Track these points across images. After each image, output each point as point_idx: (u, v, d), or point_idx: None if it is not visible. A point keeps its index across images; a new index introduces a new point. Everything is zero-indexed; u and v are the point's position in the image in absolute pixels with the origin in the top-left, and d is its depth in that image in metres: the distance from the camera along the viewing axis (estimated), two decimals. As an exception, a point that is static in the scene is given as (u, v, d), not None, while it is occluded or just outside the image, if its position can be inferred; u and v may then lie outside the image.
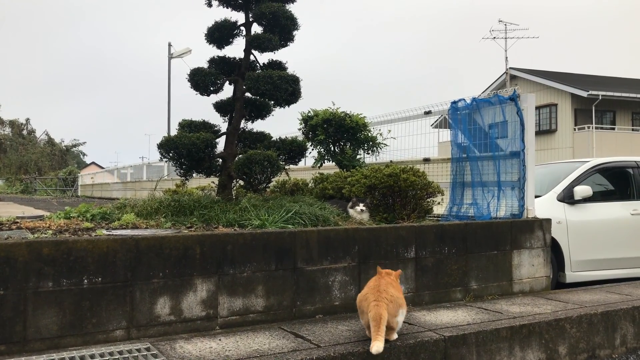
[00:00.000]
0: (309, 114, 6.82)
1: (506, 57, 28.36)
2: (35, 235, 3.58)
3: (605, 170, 6.28)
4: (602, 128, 24.92)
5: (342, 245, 3.85)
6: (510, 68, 28.07)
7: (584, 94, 24.23)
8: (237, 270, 3.46)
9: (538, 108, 26.65)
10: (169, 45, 21.14)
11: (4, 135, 52.53)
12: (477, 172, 5.37)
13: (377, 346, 2.74)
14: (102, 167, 61.08)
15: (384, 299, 2.91)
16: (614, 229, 5.80)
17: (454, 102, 5.63)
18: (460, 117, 5.62)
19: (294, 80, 5.08)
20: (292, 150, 5.23)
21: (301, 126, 6.93)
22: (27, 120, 54.25)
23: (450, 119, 5.67)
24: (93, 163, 60.84)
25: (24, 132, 53.37)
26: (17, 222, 4.57)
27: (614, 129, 25.49)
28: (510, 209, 5.06)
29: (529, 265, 4.74)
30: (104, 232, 3.73)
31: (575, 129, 24.98)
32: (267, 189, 5.03)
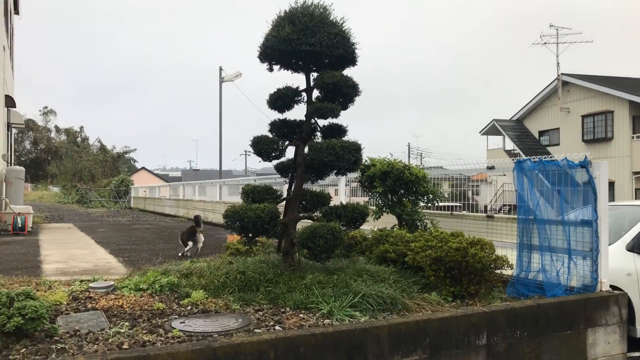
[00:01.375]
0: (366, 163, 6.77)
1: (557, 63, 27.57)
2: (114, 330, 3.67)
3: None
4: (663, 136, 23.85)
5: (413, 338, 3.80)
6: (562, 74, 27.23)
7: (643, 100, 23.25)
8: (310, 371, 3.46)
9: (592, 115, 25.77)
10: (220, 69, 21.48)
11: (60, 142, 54.69)
12: (545, 237, 5.20)
13: None
14: (152, 172, 62.73)
15: None
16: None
17: (520, 162, 5.47)
18: (526, 176, 5.45)
19: (356, 149, 5.05)
20: (354, 217, 5.20)
21: (358, 174, 6.89)
22: (81, 128, 56.42)
23: (515, 178, 5.50)
24: (143, 168, 62.53)
25: (78, 139, 55.40)
26: (91, 296, 4.73)
27: (675, 137, 24.35)
28: (582, 279, 4.88)
29: (604, 343, 4.56)
30: (178, 324, 3.80)
31: (633, 137, 24.00)
32: (329, 260, 5.02)
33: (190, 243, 7.99)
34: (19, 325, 3.31)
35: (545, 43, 27.99)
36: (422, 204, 6.52)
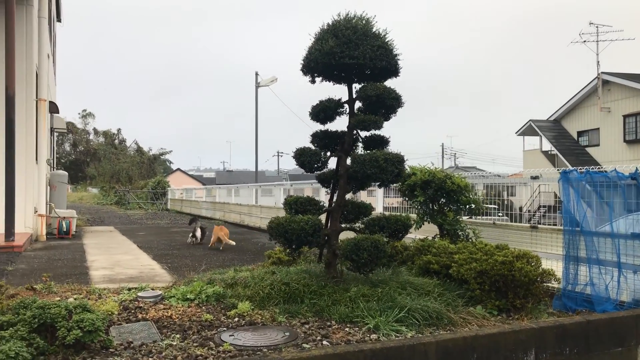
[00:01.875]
0: (407, 172, 6.75)
1: (598, 62, 26.87)
2: (166, 342, 3.76)
3: None
4: None
5: (460, 355, 3.77)
6: (602, 73, 26.52)
7: (688, 100, 22.47)
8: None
9: (635, 115, 25.05)
10: (256, 74, 21.71)
11: (99, 144, 56.05)
12: (593, 249, 5.09)
13: None
14: (187, 173, 63.69)
15: None
16: None
17: (565, 172, 5.37)
18: (572, 187, 5.35)
19: (399, 161, 5.05)
20: (397, 229, 5.20)
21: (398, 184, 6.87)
22: (119, 130, 57.70)
23: (561, 189, 5.41)
24: (178, 169, 63.53)
25: (116, 141, 56.67)
26: (140, 306, 4.85)
27: None
28: (633, 293, 4.77)
29: (657, 361, 4.44)
30: (227, 337, 3.87)
31: (678, 138, 23.23)
32: (372, 272, 5.03)
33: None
34: (77, 338, 3.43)
35: (584, 41, 27.35)
36: (464, 215, 6.47)
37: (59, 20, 23.07)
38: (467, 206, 6.34)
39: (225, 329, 4.14)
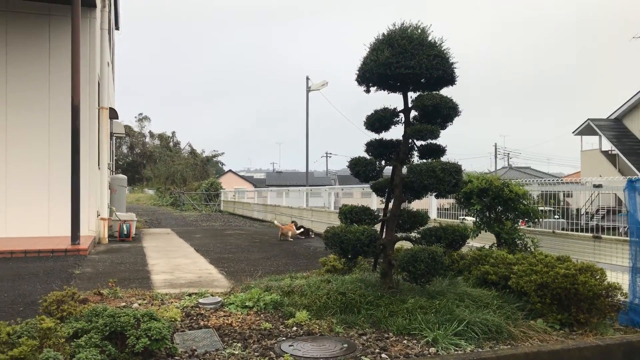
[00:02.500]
0: (463, 179, 6.66)
1: (663, 57, 25.59)
2: (228, 351, 3.87)
3: None
4: None
5: (522, 372, 3.72)
6: (668, 69, 25.27)
7: None
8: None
9: None
10: (307, 79, 21.93)
11: (154, 147, 57.81)
12: (662, 262, 4.89)
13: None
14: (238, 175, 64.80)
15: None
16: None
17: (632, 181, 5.18)
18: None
19: (457, 171, 5.00)
20: (454, 240, 5.15)
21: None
22: (173, 133, 59.30)
23: (627, 198, 5.22)
24: (230, 171, 64.80)
25: (170, 144, 58.29)
26: (201, 312, 5.00)
27: None
28: None
29: None
30: (287, 347, 3.95)
31: None
32: (429, 283, 5.00)
33: None
34: (146, 346, 3.58)
35: (647, 37, 26.13)
36: (530, 222, 6.32)
37: (117, 28, 23.96)
38: (526, 216, 6.20)
39: (284, 338, 4.22)
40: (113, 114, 16.21)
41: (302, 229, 13.55)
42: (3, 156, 10.95)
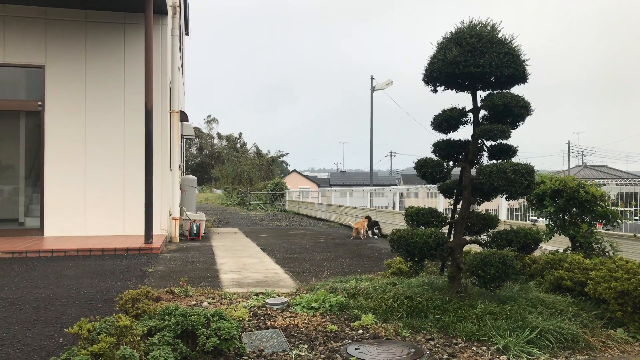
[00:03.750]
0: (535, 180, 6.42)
1: None
2: (295, 352, 3.90)
3: None
4: None
5: (601, 384, 3.52)
6: None
7: None
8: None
9: None
10: (372, 78, 21.82)
11: (222, 148, 59.45)
12: None
13: None
14: (302, 174, 65.45)
15: None
16: None
17: None
18: None
19: (529, 172, 4.81)
20: (526, 243, 4.96)
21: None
22: (240, 134, 60.81)
23: None
24: (294, 171, 65.57)
25: (237, 145, 59.74)
26: (268, 313, 5.08)
27: None
28: None
29: None
30: (353, 350, 3.93)
31: None
32: (500, 288, 4.84)
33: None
34: (215, 345, 3.67)
35: None
36: (609, 225, 6.01)
37: (186, 33, 24.78)
38: (604, 219, 5.89)
39: (350, 341, 4.21)
40: (183, 117, 16.78)
41: (376, 225, 13.96)
42: (82, 158, 11.58)
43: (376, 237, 13.63)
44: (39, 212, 11.52)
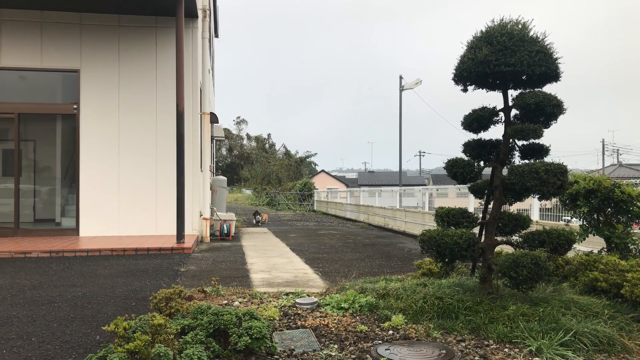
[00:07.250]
0: (568, 180, 6.30)
1: None
2: (325, 352, 3.92)
3: None
4: None
5: (638, 389, 3.45)
6: None
7: None
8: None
9: None
10: (400, 78, 21.75)
11: (251, 149, 59.96)
12: None
13: None
14: (330, 174, 65.50)
15: None
16: None
17: None
18: None
19: (562, 172, 4.74)
20: (559, 244, 4.88)
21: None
22: (269, 135, 61.29)
23: None
24: (322, 171, 65.65)
25: (266, 145, 60.18)
26: (298, 312, 5.12)
27: None
28: None
29: None
30: (383, 351, 3.93)
31: None
32: (532, 290, 4.77)
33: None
34: (247, 344, 3.72)
35: None
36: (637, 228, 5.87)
37: (216, 36, 25.06)
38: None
39: (380, 342, 4.21)
40: (213, 119, 16.99)
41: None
42: (116, 159, 11.84)
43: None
44: (74, 213, 11.83)
